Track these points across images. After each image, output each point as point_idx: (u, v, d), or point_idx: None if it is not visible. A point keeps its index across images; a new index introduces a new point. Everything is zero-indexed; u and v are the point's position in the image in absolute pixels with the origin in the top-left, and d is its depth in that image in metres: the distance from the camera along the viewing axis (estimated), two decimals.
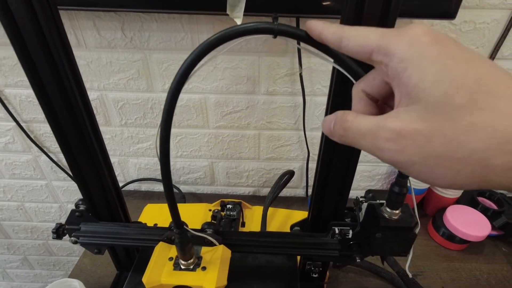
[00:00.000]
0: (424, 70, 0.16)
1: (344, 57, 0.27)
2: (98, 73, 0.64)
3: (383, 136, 0.17)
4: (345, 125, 0.20)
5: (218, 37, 0.25)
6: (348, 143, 0.20)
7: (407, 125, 0.16)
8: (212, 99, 0.66)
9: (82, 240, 0.44)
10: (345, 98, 0.34)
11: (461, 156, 0.15)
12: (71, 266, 1.10)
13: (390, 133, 0.17)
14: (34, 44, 0.30)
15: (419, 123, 0.16)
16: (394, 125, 0.17)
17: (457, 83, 0.15)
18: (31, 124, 0.73)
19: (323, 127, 0.22)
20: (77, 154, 0.38)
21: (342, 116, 0.20)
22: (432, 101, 0.16)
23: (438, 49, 0.16)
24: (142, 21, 0.57)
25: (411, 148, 0.16)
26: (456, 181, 0.16)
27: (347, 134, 0.20)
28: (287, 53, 0.60)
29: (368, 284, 0.59)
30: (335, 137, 0.21)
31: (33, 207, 0.91)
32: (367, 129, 0.18)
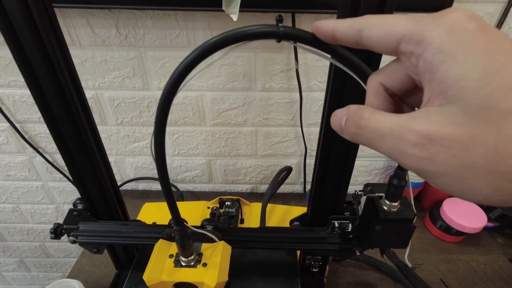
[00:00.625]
0: (469, 64, 0.13)
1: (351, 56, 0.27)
2: (92, 72, 0.63)
3: (409, 139, 0.15)
4: (360, 122, 0.17)
5: (219, 40, 0.24)
6: (363, 143, 0.18)
7: (439, 129, 0.14)
8: (209, 97, 0.66)
9: (81, 239, 0.43)
10: (343, 94, 0.34)
11: (504, 171, 0.13)
12: (68, 268, 1.09)
13: (417, 136, 0.14)
14: (29, 43, 0.29)
15: (455, 127, 0.14)
16: (423, 127, 0.14)
17: (507, 84, 0.13)
18: (25, 125, 0.72)
19: (332, 123, 0.20)
20: (75, 153, 0.38)
21: (357, 112, 0.17)
22: (474, 102, 0.13)
23: (487, 40, 0.14)
24: (136, 19, 0.57)
25: (442, 156, 0.14)
26: (494, 198, 0.14)
27: (362, 133, 0.17)
28: (283, 49, 0.60)
29: (367, 278, 0.60)
30: (347, 134, 0.18)
31: (28, 208, 0.90)
32: (388, 129, 0.16)
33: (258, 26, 0.24)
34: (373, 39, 0.17)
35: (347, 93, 0.34)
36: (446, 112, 0.14)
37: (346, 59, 0.27)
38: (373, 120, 0.16)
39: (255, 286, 0.45)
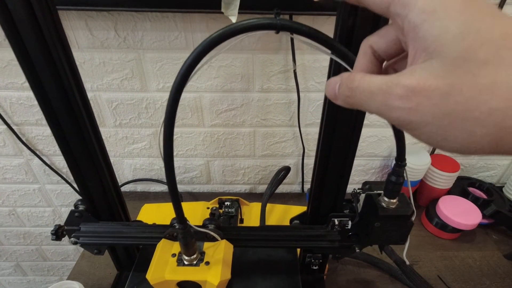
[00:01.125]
0: (447, 21, 0.15)
1: (341, 47, 0.28)
2: (91, 74, 0.63)
3: (396, 93, 0.16)
4: (352, 85, 0.18)
5: (220, 34, 0.26)
6: (355, 105, 0.19)
7: (423, 81, 0.15)
8: (207, 98, 0.67)
9: (83, 240, 0.44)
10: None
11: (478, 116, 0.14)
12: (65, 271, 1.09)
13: (403, 89, 0.16)
14: (33, 44, 0.30)
15: (436, 79, 0.15)
16: (408, 81, 0.16)
17: (482, 37, 0.14)
18: (22, 127, 0.72)
19: (326, 90, 0.21)
20: (77, 153, 0.38)
21: (349, 76, 0.19)
22: (453, 55, 0.15)
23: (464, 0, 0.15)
24: (135, 21, 0.57)
25: (425, 106, 0.15)
26: (469, 144, 0.15)
27: (354, 95, 0.18)
28: (281, 50, 0.61)
29: (365, 275, 0.61)
30: (340, 99, 0.20)
31: (25, 211, 0.90)
32: (377, 87, 0.17)
33: (258, 19, 0.25)
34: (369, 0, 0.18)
35: None
36: (429, 66, 0.15)
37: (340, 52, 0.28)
38: (364, 81, 0.18)
39: (257, 284, 0.46)
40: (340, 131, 0.38)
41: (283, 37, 0.59)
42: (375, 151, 0.76)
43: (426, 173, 0.71)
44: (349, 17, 0.30)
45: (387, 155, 0.77)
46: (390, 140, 0.74)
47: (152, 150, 0.76)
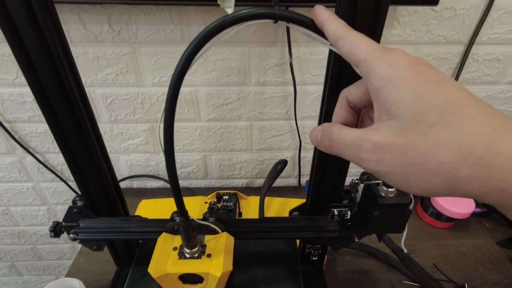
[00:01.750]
0: (401, 90, 0.18)
1: None
2: (85, 69, 0.62)
3: (365, 147, 0.19)
4: (331, 136, 0.22)
5: (219, 24, 0.26)
6: (334, 153, 0.22)
7: (386, 138, 0.18)
8: (203, 92, 0.66)
9: (82, 236, 0.43)
10: (341, 85, 0.35)
11: (431, 168, 0.17)
12: (62, 270, 1.08)
13: (370, 145, 0.19)
14: (30, 38, 0.29)
15: (396, 137, 0.18)
16: (374, 138, 0.19)
17: (429, 104, 0.17)
18: (14, 124, 0.70)
19: (311, 138, 0.24)
20: (75, 148, 0.38)
21: (329, 128, 0.22)
22: (407, 118, 0.18)
23: (414, 72, 0.18)
24: (129, 14, 0.56)
25: (388, 159, 0.18)
26: (428, 189, 0.18)
27: (333, 145, 0.22)
28: (277, 43, 0.61)
29: (363, 265, 0.62)
30: (322, 147, 0.23)
31: (19, 210, 0.88)
32: (350, 141, 0.20)
33: (257, 8, 0.25)
34: (342, 51, 0.22)
35: (345, 84, 0.35)
36: (390, 125, 0.18)
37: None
38: (341, 134, 0.21)
39: (258, 275, 0.46)
40: None
41: (279, 30, 0.59)
42: None
43: None
44: (349, 8, 0.30)
45: None
46: None
47: (148, 145, 0.75)
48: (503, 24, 0.60)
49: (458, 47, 0.62)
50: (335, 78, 0.35)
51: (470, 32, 0.61)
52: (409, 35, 0.60)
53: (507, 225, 0.70)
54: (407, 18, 0.59)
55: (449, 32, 0.60)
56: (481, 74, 0.66)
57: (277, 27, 0.58)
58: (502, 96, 0.69)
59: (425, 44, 0.62)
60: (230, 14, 0.26)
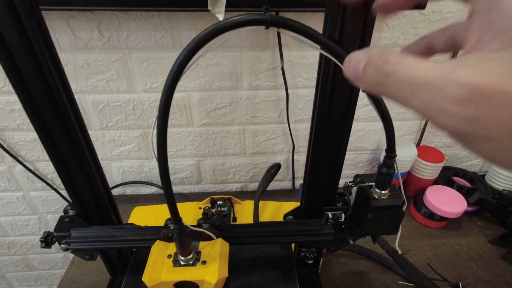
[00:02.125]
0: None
1: (330, 42, 0.28)
2: (75, 76, 0.62)
3: (452, 94, 0.11)
4: (385, 68, 0.14)
5: (211, 31, 0.26)
6: (386, 95, 0.14)
7: (498, 80, 0.11)
8: (196, 97, 0.66)
9: (74, 246, 0.42)
10: (333, 88, 0.35)
11: None
12: (54, 280, 1.06)
13: (464, 90, 0.11)
14: (17, 45, 0.29)
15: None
16: (473, 79, 0.11)
17: None
18: (3, 133, 0.69)
19: (346, 68, 0.16)
20: (66, 157, 0.37)
21: (381, 56, 0.14)
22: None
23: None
24: (119, 20, 0.56)
25: (495, 116, 0.11)
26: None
27: (386, 83, 0.14)
28: (268, 47, 0.61)
29: (359, 267, 0.62)
30: (365, 83, 0.15)
31: (9, 220, 0.86)
32: (423, 79, 0.12)
33: (248, 14, 0.25)
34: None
35: (337, 87, 0.35)
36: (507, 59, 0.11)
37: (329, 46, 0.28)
38: (403, 67, 0.13)
39: (254, 280, 0.46)
40: (331, 125, 0.38)
41: (270, 34, 0.59)
42: (363, 145, 0.77)
43: (413, 165, 0.73)
44: (338, 13, 0.31)
45: (375, 148, 0.78)
46: (378, 133, 0.75)
47: (140, 152, 0.75)
48: None
49: None
50: (326, 81, 0.35)
51: None
52: (398, 38, 0.61)
53: (498, 223, 0.71)
54: (395, 22, 0.60)
55: None
56: None
57: (268, 32, 0.59)
58: None
59: None
60: (222, 21, 0.26)
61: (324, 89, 0.36)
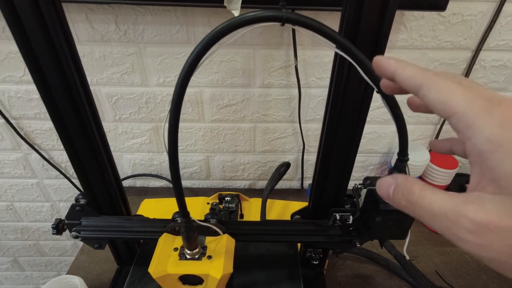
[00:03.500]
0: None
1: (346, 41, 0.28)
2: (91, 68, 0.63)
3: (464, 226, 0.15)
4: (410, 198, 0.18)
5: (226, 26, 0.26)
6: (413, 215, 0.18)
7: (495, 218, 0.14)
8: (208, 93, 0.66)
9: (84, 234, 0.43)
10: (346, 89, 0.35)
11: None
12: (63, 267, 1.08)
13: (473, 224, 0.15)
14: (37, 37, 0.29)
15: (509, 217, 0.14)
16: (478, 216, 0.15)
17: None
18: (20, 121, 0.71)
19: (378, 189, 0.20)
20: (79, 147, 0.38)
21: (406, 185, 0.18)
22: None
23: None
24: (136, 14, 0.57)
25: (498, 245, 0.14)
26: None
27: (413, 208, 0.18)
28: (282, 45, 0.61)
29: (364, 270, 0.61)
30: (395, 204, 0.19)
31: (23, 206, 0.89)
32: (441, 212, 0.16)
33: (264, 11, 0.25)
34: (428, 100, 0.18)
35: (350, 88, 0.35)
36: (500, 202, 0.15)
37: (347, 48, 0.28)
38: (424, 199, 0.17)
39: (258, 278, 0.46)
40: (343, 126, 0.38)
41: (284, 32, 0.59)
42: (375, 148, 0.76)
43: (425, 170, 0.72)
44: (355, 12, 0.30)
45: (386, 152, 0.77)
46: (390, 136, 0.74)
47: (151, 145, 0.75)
48: (511, 31, 0.59)
49: (465, 53, 0.62)
50: (340, 81, 0.35)
51: (477, 38, 0.60)
52: (416, 40, 0.60)
53: None
54: (414, 23, 0.58)
55: (456, 38, 0.60)
56: (488, 80, 0.65)
57: (282, 29, 0.58)
58: None
59: (432, 49, 0.61)
60: (237, 16, 0.26)
61: (338, 89, 0.35)
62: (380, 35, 0.31)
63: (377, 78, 0.29)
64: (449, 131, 0.73)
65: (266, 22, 0.26)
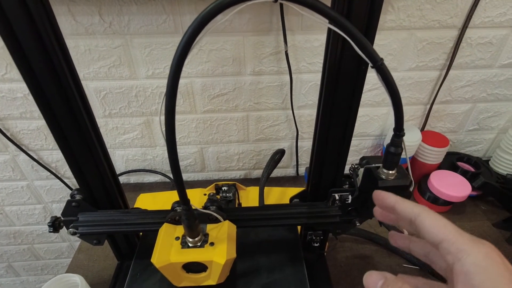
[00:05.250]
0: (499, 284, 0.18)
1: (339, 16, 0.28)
2: (76, 62, 0.61)
3: None
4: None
5: (218, 4, 0.25)
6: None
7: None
8: (199, 83, 0.66)
9: (82, 230, 0.43)
10: (339, 70, 0.35)
11: None
12: (60, 269, 1.07)
13: None
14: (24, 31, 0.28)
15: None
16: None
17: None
18: (6, 122, 0.69)
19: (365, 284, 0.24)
20: (73, 143, 0.37)
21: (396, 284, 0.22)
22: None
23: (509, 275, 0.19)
24: (120, 4, 0.55)
25: None
26: None
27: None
28: (272, 31, 0.60)
29: (364, 251, 0.62)
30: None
31: (14, 210, 0.87)
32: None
33: None
34: (424, 226, 0.22)
35: (344, 68, 0.35)
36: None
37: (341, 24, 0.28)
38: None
39: (260, 263, 0.46)
40: (338, 107, 0.38)
41: (273, 17, 0.58)
42: (367, 131, 0.77)
43: (417, 150, 0.73)
44: (344, 4, 0.30)
45: (378, 134, 0.78)
46: (382, 119, 0.75)
47: (144, 139, 0.74)
48: (495, 7, 0.60)
49: (451, 31, 0.63)
50: (334, 61, 0.35)
51: (463, 16, 0.61)
52: (404, 20, 0.60)
53: (502, 207, 0.72)
54: (401, 3, 0.58)
55: (442, 17, 0.61)
56: (475, 58, 0.67)
57: (271, 15, 0.58)
58: (495, 80, 0.70)
59: (419, 29, 0.62)
60: None
61: (332, 70, 0.35)
62: (373, 9, 0.30)
63: (372, 52, 0.29)
64: (439, 110, 0.75)
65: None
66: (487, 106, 0.75)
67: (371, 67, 0.30)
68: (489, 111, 0.76)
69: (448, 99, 0.73)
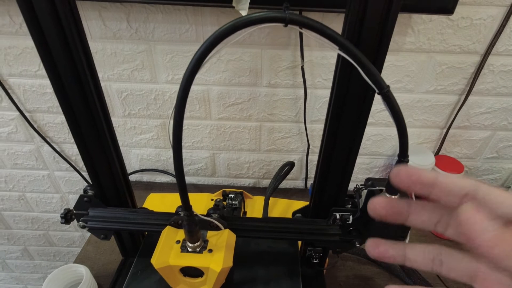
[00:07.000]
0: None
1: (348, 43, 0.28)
2: (102, 64, 0.65)
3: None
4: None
5: (230, 26, 0.27)
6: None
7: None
8: (215, 91, 0.68)
9: (91, 224, 0.45)
10: (348, 90, 0.36)
11: None
12: (71, 257, 1.11)
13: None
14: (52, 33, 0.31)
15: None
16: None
17: None
18: (34, 114, 0.73)
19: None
20: (88, 140, 0.39)
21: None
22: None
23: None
24: (147, 12, 0.58)
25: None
26: None
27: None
28: (289, 46, 0.61)
29: (365, 272, 0.61)
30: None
31: (34, 197, 0.92)
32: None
33: (268, 11, 0.26)
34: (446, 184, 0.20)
35: (352, 90, 0.36)
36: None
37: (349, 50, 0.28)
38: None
39: (257, 274, 0.47)
40: (344, 127, 0.38)
41: (292, 33, 0.59)
42: (379, 150, 0.76)
43: None
44: (358, 14, 0.31)
45: (391, 154, 0.77)
46: (395, 139, 0.74)
47: (159, 141, 0.77)
48: None
49: (473, 57, 0.62)
50: (343, 82, 0.35)
51: (486, 42, 0.60)
52: (423, 43, 0.60)
53: None
54: (421, 26, 0.58)
55: (464, 42, 0.60)
56: (496, 85, 0.65)
57: (289, 30, 0.59)
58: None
59: (440, 52, 0.61)
60: (241, 17, 0.27)
61: (340, 90, 0.36)
62: (382, 37, 0.31)
63: (378, 79, 0.29)
64: (456, 135, 0.73)
65: (269, 23, 0.26)
66: (507, 135, 0.72)
67: (377, 94, 0.31)
68: (510, 140, 0.73)
69: (466, 125, 0.71)
